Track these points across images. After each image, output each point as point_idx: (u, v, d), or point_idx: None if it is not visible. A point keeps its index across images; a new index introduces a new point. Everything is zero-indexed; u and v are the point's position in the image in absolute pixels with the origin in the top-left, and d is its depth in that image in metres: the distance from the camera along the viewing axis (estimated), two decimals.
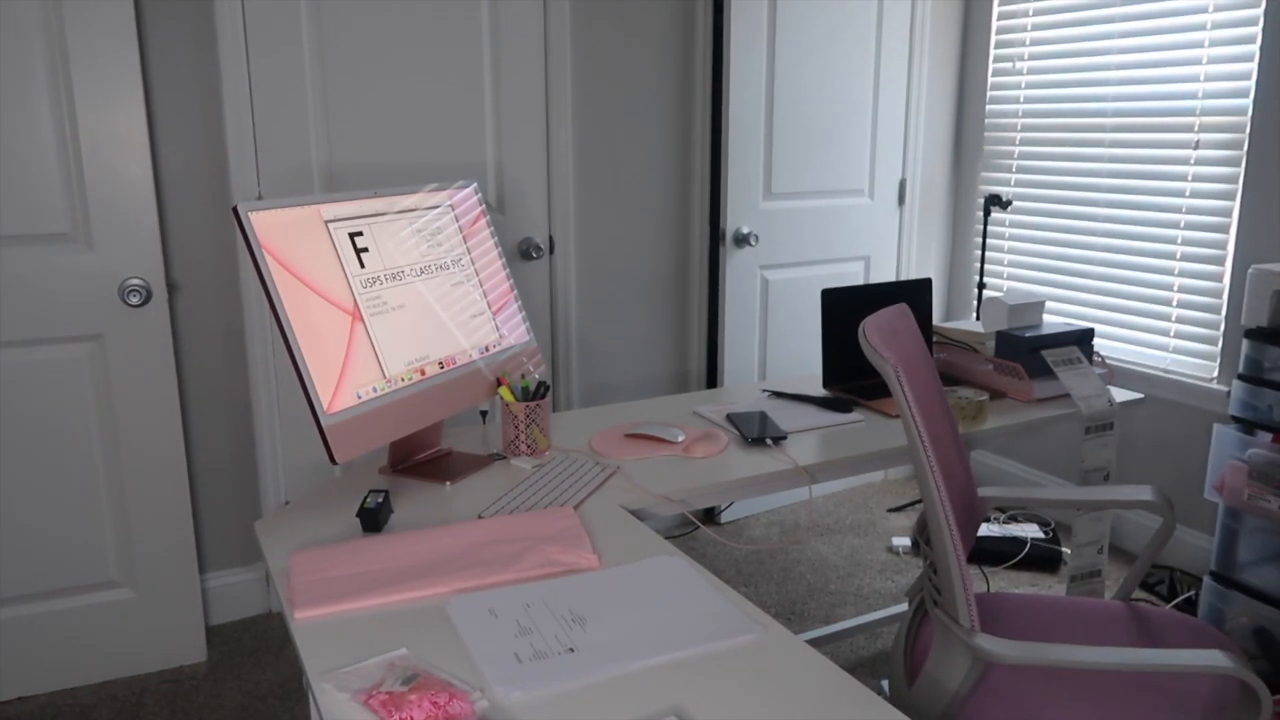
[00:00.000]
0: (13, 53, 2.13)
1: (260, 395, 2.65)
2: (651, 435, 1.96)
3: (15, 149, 2.17)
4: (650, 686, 1.10)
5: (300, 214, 1.63)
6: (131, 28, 2.21)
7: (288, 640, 2.64)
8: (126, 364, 2.35)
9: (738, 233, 3.23)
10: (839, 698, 1.09)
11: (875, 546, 3.24)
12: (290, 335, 1.54)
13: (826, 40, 3.29)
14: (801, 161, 3.34)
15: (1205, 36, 2.84)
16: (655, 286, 3.26)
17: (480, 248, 1.99)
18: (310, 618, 1.26)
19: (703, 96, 3.19)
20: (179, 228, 2.50)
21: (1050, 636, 1.65)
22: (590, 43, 2.96)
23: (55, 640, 2.39)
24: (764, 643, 1.20)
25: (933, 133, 3.66)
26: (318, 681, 1.12)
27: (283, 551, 1.47)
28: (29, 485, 2.31)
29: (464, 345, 1.88)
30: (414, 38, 2.67)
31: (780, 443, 1.97)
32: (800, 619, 2.78)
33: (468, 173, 2.83)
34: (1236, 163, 2.79)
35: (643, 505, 1.69)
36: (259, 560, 2.77)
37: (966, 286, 3.77)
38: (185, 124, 2.47)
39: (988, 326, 2.43)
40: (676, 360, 3.36)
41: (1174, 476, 3.07)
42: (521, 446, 1.88)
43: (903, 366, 1.43)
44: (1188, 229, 2.95)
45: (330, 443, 1.55)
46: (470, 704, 1.05)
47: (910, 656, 1.64)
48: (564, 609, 1.27)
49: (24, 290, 2.23)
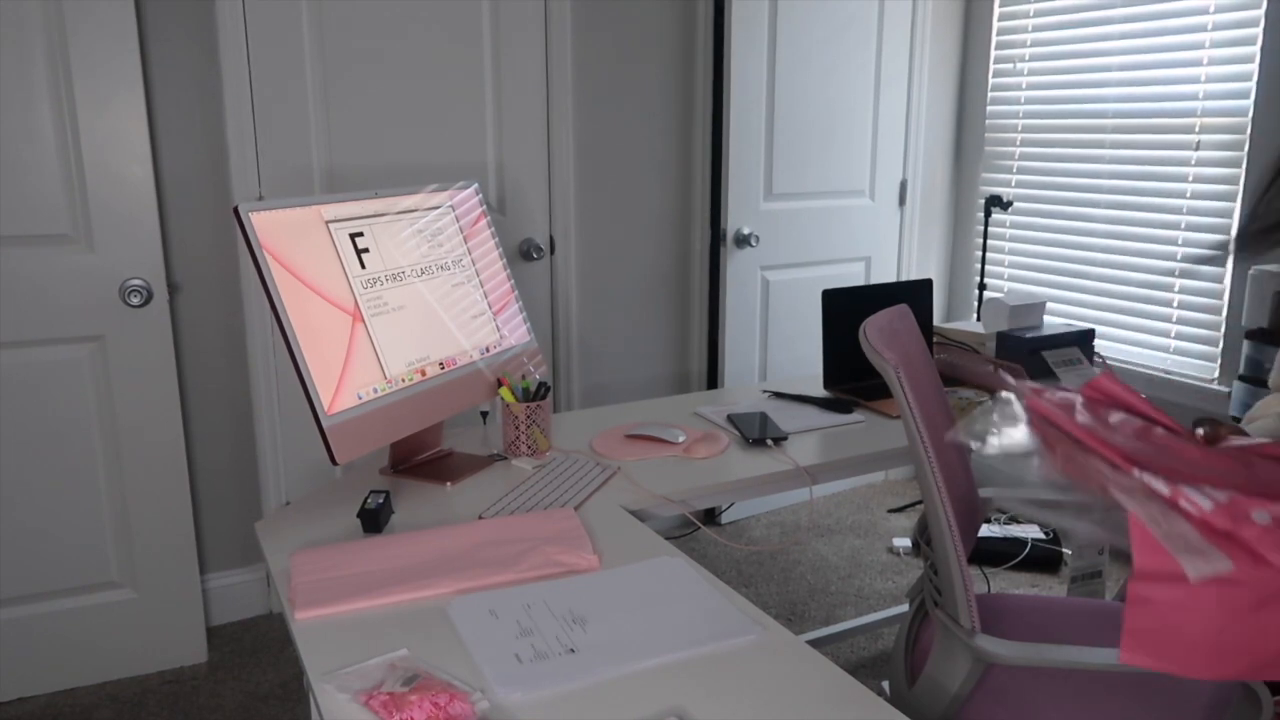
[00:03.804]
0: (14, 53, 2.13)
1: (261, 396, 2.65)
2: (652, 436, 1.96)
3: (16, 150, 2.17)
4: (651, 687, 1.10)
5: (301, 214, 1.63)
6: (132, 28, 2.22)
7: (288, 641, 2.64)
8: (127, 365, 2.35)
9: (738, 233, 3.23)
10: (839, 698, 1.09)
11: (876, 547, 3.24)
12: (291, 336, 1.54)
13: (827, 41, 3.29)
14: (802, 162, 3.34)
15: (1206, 38, 2.84)
16: (656, 287, 3.26)
17: (481, 248, 1.99)
18: (311, 618, 1.26)
19: (704, 97, 3.19)
20: (180, 228, 2.51)
21: (1051, 637, 1.65)
22: (591, 43, 2.96)
23: (55, 641, 2.39)
24: (764, 643, 1.20)
25: (933, 133, 3.66)
26: (318, 682, 1.12)
27: (283, 552, 1.47)
28: (30, 486, 2.31)
29: (465, 346, 1.88)
30: (415, 38, 2.67)
31: (781, 443, 1.96)
32: (801, 620, 2.78)
33: (468, 173, 2.84)
34: (1237, 164, 2.79)
35: (643, 506, 1.69)
36: (259, 561, 2.77)
37: (967, 287, 3.77)
38: (186, 125, 2.47)
39: (988, 327, 2.43)
40: (677, 361, 3.36)
41: None
42: (522, 447, 1.88)
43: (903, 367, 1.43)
44: (1188, 230, 2.95)
45: (331, 443, 1.56)
46: (471, 705, 1.05)
47: (911, 657, 1.63)
48: (564, 610, 1.27)
49: (25, 291, 2.23)
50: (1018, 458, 1.08)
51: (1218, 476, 0.99)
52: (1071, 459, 1.04)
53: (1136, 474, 1.00)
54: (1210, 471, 1.00)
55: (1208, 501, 0.94)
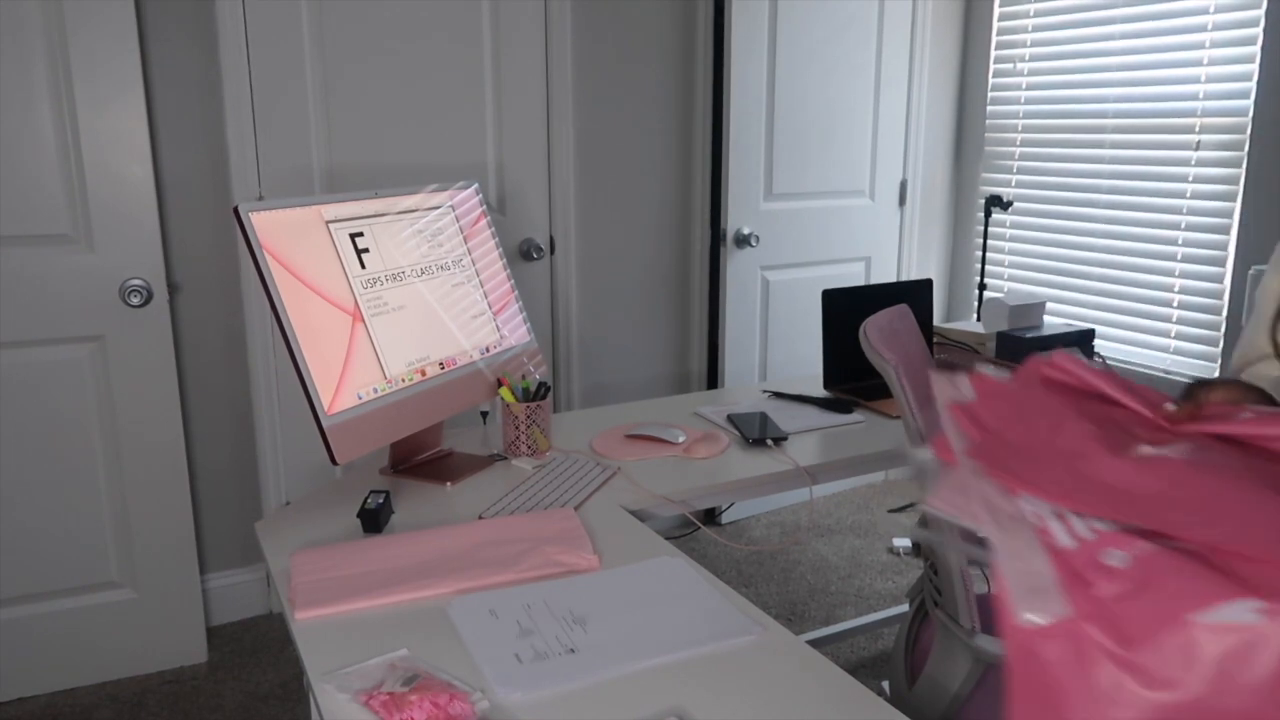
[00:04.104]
0: (14, 54, 2.13)
1: (261, 396, 2.65)
2: (652, 436, 1.96)
3: (17, 150, 2.17)
4: (651, 687, 1.10)
5: (301, 214, 1.63)
6: (133, 29, 2.22)
7: (288, 641, 2.64)
8: (127, 364, 2.35)
9: (738, 233, 3.23)
10: (839, 698, 1.09)
11: (876, 547, 3.24)
12: (291, 336, 1.54)
13: (828, 41, 3.29)
14: (802, 162, 3.34)
15: (1206, 38, 2.84)
16: (656, 287, 3.26)
17: (481, 248, 1.99)
18: (311, 618, 1.26)
19: (704, 97, 3.19)
20: (180, 228, 2.51)
21: None
22: (591, 43, 2.96)
23: (55, 641, 2.39)
24: (764, 643, 1.20)
25: (934, 134, 3.66)
26: (318, 682, 1.12)
27: (284, 552, 1.47)
28: (30, 486, 2.31)
29: (465, 346, 1.88)
30: (415, 38, 2.67)
31: (781, 443, 1.96)
32: (801, 620, 2.78)
33: (468, 173, 2.84)
34: (1237, 164, 2.79)
35: (643, 506, 1.69)
36: (259, 561, 2.76)
37: (967, 287, 3.77)
38: (186, 125, 2.47)
39: (988, 327, 2.43)
40: (677, 361, 3.36)
41: None
42: (522, 447, 1.88)
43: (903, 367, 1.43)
44: (1188, 230, 2.95)
45: (331, 443, 1.55)
46: (471, 705, 1.05)
47: (911, 657, 1.63)
48: (565, 610, 1.27)
49: (25, 291, 2.23)
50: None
51: (1127, 499, 0.88)
52: (964, 486, 0.94)
53: (1021, 500, 0.90)
54: (1128, 491, 0.89)
55: (1070, 540, 0.85)
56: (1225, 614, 0.74)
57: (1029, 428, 1.01)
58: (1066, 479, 0.92)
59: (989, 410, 1.05)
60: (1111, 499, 0.88)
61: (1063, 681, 0.79)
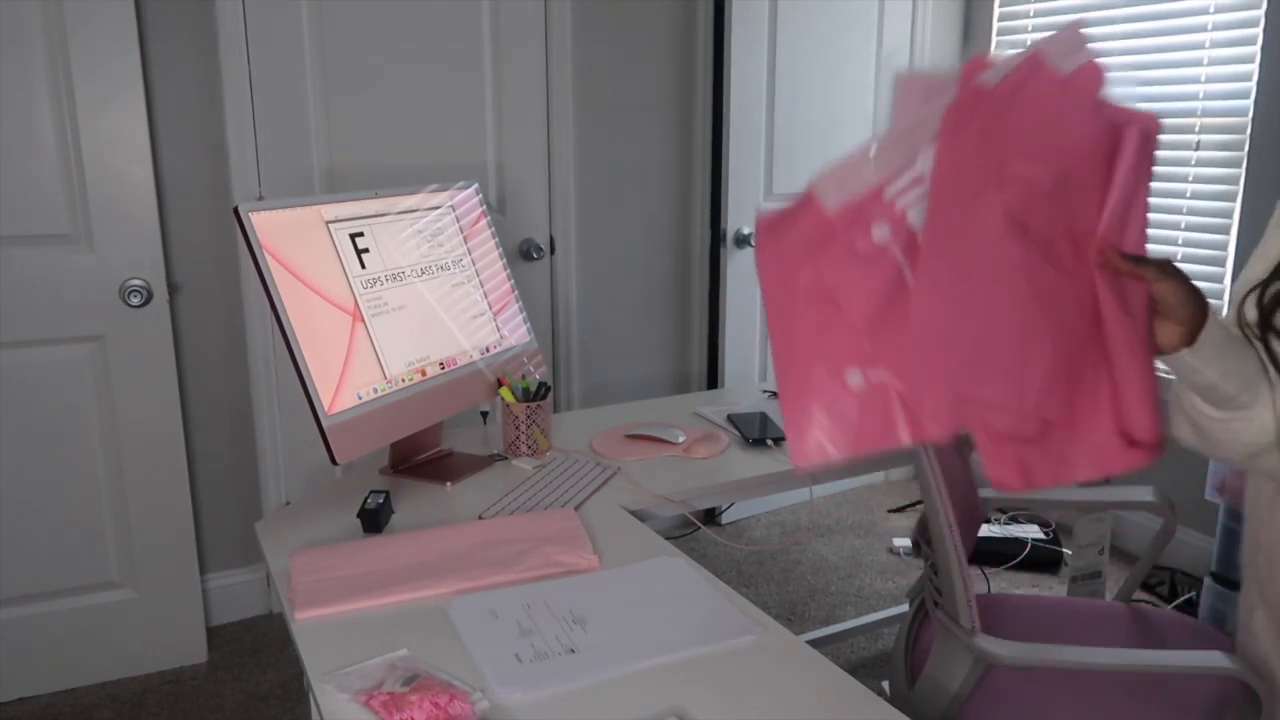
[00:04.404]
0: (14, 54, 2.13)
1: (261, 396, 2.65)
2: (652, 436, 1.96)
3: (17, 150, 2.17)
4: (651, 687, 1.10)
5: (301, 214, 1.63)
6: (133, 29, 2.22)
7: (288, 641, 2.64)
8: (127, 365, 2.35)
9: (738, 233, 3.23)
10: (839, 699, 1.09)
11: (876, 547, 3.24)
12: (291, 336, 1.54)
13: (828, 41, 3.29)
14: (803, 162, 3.34)
15: (1206, 38, 2.84)
16: (656, 287, 3.26)
17: (481, 248, 1.99)
18: (311, 618, 1.26)
19: (704, 97, 3.19)
20: (180, 228, 2.51)
21: (1051, 638, 1.65)
22: (591, 44, 2.96)
23: (56, 641, 2.39)
24: (764, 643, 1.20)
25: None
26: (318, 682, 1.12)
27: (284, 552, 1.47)
28: (30, 486, 2.31)
29: (465, 346, 1.88)
30: (415, 38, 2.67)
31: (781, 444, 1.96)
32: (801, 620, 2.78)
33: (468, 173, 2.84)
34: (1237, 164, 2.79)
35: (643, 506, 1.69)
36: (260, 561, 2.76)
37: None
38: (186, 125, 2.47)
39: None
40: (677, 361, 3.36)
41: (1175, 478, 3.07)
42: (522, 447, 1.88)
43: None
44: (1188, 230, 2.95)
45: (331, 443, 1.56)
46: (471, 705, 1.05)
47: (911, 657, 1.64)
48: (565, 610, 1.27)
49: (25, 291, 2.23)
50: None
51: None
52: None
53: (920, 162, 0.97)
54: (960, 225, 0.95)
55: (885, 233, 0.98)
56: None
57: (1001, 141, 0.98)
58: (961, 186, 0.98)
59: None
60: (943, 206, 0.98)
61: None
